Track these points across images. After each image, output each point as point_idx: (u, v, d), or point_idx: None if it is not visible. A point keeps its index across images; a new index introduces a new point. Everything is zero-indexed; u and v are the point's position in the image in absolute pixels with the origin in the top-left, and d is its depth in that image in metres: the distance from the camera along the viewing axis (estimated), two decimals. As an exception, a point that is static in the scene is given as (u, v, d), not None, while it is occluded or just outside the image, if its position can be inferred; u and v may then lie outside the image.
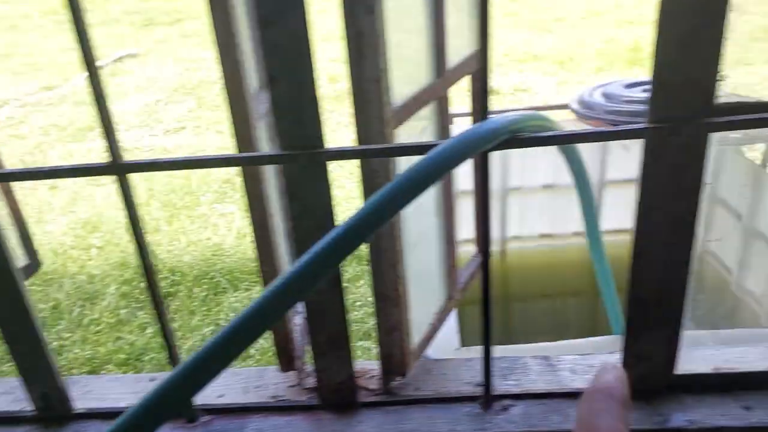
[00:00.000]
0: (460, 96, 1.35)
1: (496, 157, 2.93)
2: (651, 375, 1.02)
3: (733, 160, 2.60)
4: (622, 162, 2.83)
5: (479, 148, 0.77)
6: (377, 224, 0.70)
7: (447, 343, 1.71)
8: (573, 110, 2.71)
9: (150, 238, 4.75)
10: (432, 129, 1.08)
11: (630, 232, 0.92)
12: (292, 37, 0.76)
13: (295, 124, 0.81)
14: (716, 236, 2.67)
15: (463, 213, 2.99)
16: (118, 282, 4.31)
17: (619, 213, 2.79)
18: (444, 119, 1.10)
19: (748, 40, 6.78)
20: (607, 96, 2.64)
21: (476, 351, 1.65)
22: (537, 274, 3.07)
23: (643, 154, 0.84)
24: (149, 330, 3.78)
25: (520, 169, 2.88)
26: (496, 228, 3.06)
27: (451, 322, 1.78)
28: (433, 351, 1.63)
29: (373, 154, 0.82)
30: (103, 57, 8.86)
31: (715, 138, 2.46)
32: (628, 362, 1.01)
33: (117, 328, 3.97)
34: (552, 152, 2.87)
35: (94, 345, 3.73)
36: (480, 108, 0.81)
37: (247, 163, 0.81)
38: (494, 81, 6.82)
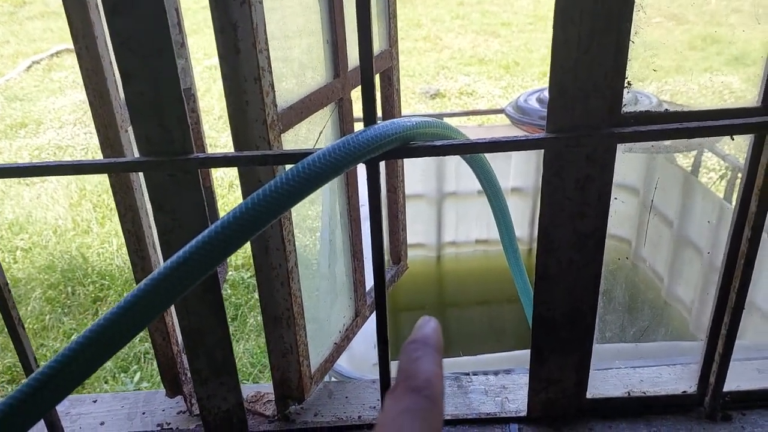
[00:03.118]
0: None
1: (432, 161, 2.87)
2: (560, 399, 0.96)
3: (664, 167, 2.60)
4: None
5: (359, 157, 0.69)
6: (235, 242, 0.61)
7: (366, 357, 1.63)
8: (508, 115, 2.67)
9: (80, 240, 4.54)
10: (331, 134, 1.00)
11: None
12: (146, 27, 0.67)
13: (157, 127, 0.72)
14: (648, 243, 2.67)
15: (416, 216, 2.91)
16: (43, 286, 4.10)
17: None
18: (345, 123, 1.01)
19: (686, 49, 6.92)
20: (542, 101, 2.61)
21: (395, 366, 1.57)
22: (473, 280, 3.02)
23: (544, 166, 0.78)
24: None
25: (455, 174, 2.83)
26: (432, 234, 3.00)
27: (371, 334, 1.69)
28: (348, 366, 1.54)
29: (248, 161, 0.73)
30: (40, 51, 8.51)
31: (647, 145, 2.45)
32: (534, 386, 0.95)
33: (41, 334, 3.78)
34: (488, 155, 2.83)
35: (16, 353, 3.54)
36: (366, 114, 0.73)
37: (100, 170, 0.71)
38: (440, 84, 6.79)
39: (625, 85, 0.77)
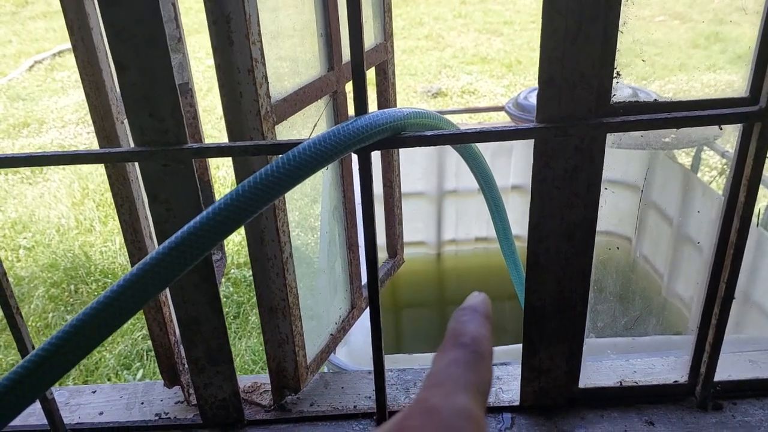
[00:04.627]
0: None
1: (432, 159, 2.87)
2: (552, 389, 0.97)
3: (664, 164, 2.61)
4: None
5: (350, 146, 0.70)
6: (226, 228, 0.63)
7: (364, 352, 1.64)
8: (508, 112, 2.68)
9: (83, 238, 4.56)
10: (326, 127, 1.01)
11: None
12: (139, 18, 0.68)
13: (151, 118, 0.73)
14: (648, 241, 2.67)
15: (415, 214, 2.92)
16: (46, 285, 4.12)
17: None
18: (340, 116, 1.02)
19: (690, 47, 6.91)
20: (541, 98, 2.61)
21: (393, 359, 1.58)
22: (473, 278, 3.02)
23: (534, 156, 0.79)
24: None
25: (455, 172, 2.83)
26: (432, 231, 3.01)
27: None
28: (347, 360, 1.56)
29: (241, 151, 0.74)
30: (42, 51, 8.54)
31: (647, 142, 2.45)
32: (526, 376, 0.95)
33: (44, 332, 3.80)
34: (489, 153, 2.83)
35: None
36: (357, 103, 0.74)
37: (96, 160, 0.73)
38: (442, 83, 6.80)
39: (614, 75, 0.78)
